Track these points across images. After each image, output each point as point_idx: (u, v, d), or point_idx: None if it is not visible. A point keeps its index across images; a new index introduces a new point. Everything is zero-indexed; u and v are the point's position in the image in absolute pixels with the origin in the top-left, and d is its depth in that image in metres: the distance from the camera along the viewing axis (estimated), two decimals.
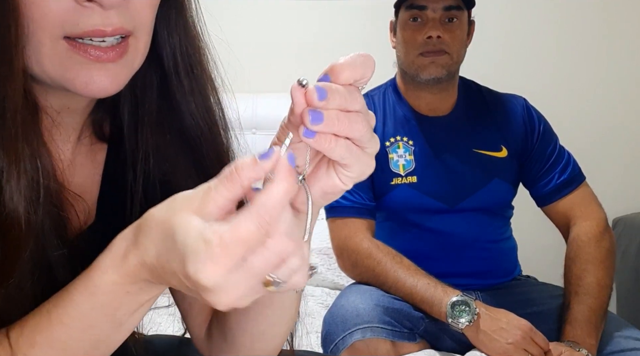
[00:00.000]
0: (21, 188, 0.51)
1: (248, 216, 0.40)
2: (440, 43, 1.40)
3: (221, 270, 0.40)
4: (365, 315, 1.25)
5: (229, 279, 0.40)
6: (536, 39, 2.28)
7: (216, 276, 0.40)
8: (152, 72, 0.62)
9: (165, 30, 0.62)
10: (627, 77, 2.29)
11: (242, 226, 0.40)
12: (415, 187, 1.44)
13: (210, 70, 0.66)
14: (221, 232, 0.40)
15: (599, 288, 1.33)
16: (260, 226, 0.40)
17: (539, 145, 1.49)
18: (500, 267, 1.49)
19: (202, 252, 0.40)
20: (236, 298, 0.41)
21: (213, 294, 0.41)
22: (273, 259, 0.40)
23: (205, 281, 0.40)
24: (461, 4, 1.43)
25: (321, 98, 0.43)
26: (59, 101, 0.59)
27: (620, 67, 2.29)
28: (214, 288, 0.40)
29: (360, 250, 1.37)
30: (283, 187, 0.41)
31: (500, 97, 1.55)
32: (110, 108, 0.67)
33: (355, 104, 0.44)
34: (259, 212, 0.40)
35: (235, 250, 0.40)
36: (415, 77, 1.44)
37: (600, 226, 1.42)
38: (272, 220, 0.40)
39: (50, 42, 0.51)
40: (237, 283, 0.41)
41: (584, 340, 1.25)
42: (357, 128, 0.44)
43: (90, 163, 0.67)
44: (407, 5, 1.43)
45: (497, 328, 1.23)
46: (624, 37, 2.28)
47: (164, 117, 0.64)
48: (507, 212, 1.54)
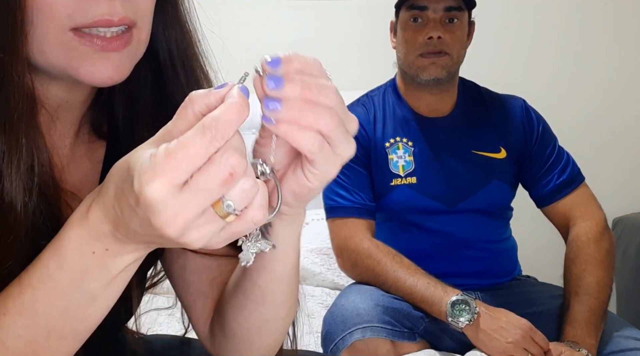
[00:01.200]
0: (20, 175, 0.51)
1: (196, 130, 0.39)
2: (440, 44, 1.40)
3: (166, 183, 0.39)
4: (365, 315, 1.25)
5: (176, 197, 0.39)
6: (535, 39, 2.28)
7: (161, 190, 0.39)
8: (146, 67, 0.63)
9: (161, 24, 0.63)
10: (626, 77, 2.30)
11: (189, 138, 0.39)
12: (414, 188, 1.44)
13: (203, 64, 0.67)
14: (167, 145, 0.39)
15: (599, 288, 1.33)
16: (207, 140, 0.39)
17: (538, 146, 1.49)
18: (500, 267, 1.49)
19: (146, 164, 0.39)
20: (186, 222, 0.40)
21: (160, 214, 0.39)
22: (220, 173, 0.39)
23: (150, 194, 0.39)
24: (462, 5, 1.43)
25: (275, 86, 0.43)
26: (58, 93, 0.59)
27: (619, 67, 2.29)
28: (159, 205, 0.39)
29: (360, 250, 1.38)
30: (235, 104, 0.40)
31: (500, 98, 1.55)
32: (107, 105, 0.67)
33: (322, 98, 0.43)
34: (207, 125, 0.39)
35: (182, 163, 0.39)
36: (415, 77, 1.44)
37: (599, 226, 1.42)
38: (220, 135, 0.39)
39: (57, 32, 0.52)
40: (185, 201, 0.39)
41: (584, 340, 1.25)
42: (324, 122, 0.43)
43: (89, 160, 0.67)
44: (408, 5, 1.43)
45: (497, 327, 1.23)
46: (623, 37, 2.29)
47: (159, 111, 0.65)
48: (506, 213, 1.54)
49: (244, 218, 0.42)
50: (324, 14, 2.26)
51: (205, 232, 0.41)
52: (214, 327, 0.71)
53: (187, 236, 0.41)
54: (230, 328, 0.67)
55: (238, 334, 0.66)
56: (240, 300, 0.63)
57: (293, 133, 0.43)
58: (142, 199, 0.39)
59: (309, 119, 0.43)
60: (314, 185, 0.47)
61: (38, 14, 0.51)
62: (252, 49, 2.22)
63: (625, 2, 2.27)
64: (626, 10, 2.28)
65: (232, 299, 0.65)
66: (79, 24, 0.52)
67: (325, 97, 0.43)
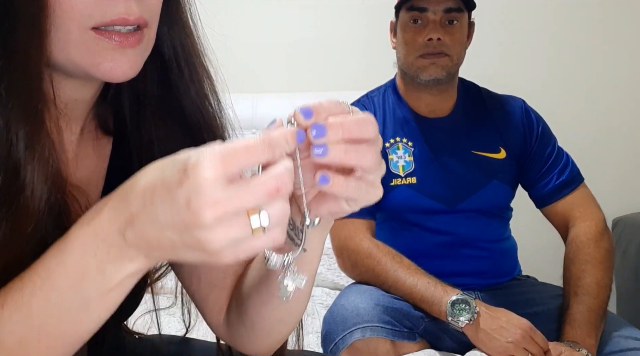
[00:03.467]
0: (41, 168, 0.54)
1: (260, 136, 0.43)
2: (440, 45, 1.40)
3: (220, 171, 0.41)
4: (365, 314, 1.26)
5: (224, 187, 0.41)
6: (535, 40, 2.28)
7: (214, 176, 0.41)
8: (152, 64, 0.65)
9: (166, 23, 0.65)
10: (626, 77, 2.29)
11: (252, 139, 0.43)
12: (414, 188, 1.44)
13: (205, 62, 0.70)
14: (229, 142, 0.42)
15: (598, 288, 1.33)
16: (268, 147, 0.43)
17: (538, 146, 1.49)
18: (499, 267, 1.49)
19: (207, 151, 0.42)
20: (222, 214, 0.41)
21: (203, 196, 0.41)
22: (270, 184, 0.42)
23: (203, 175, 0.41)
24: (462, 6, 1.43)
25: (320, 133, 0.47)
26: (68, 91, 0.61)
27: (619, 67, 2.29)
28: (207, 188, 0.41)
29: (360, 250, 1.38)
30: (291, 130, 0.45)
31: (499, 99, 1.55)
32: (113, 101, 0.69)
33: (364, 133, 0.48)
34: (269, 134, 0.43)
35: (240, 159, 0.42)
36: (415, 78, 1.45)
37: (599, 226, 1.42)
38: (280, 148, 0.43)
39: (79, 32, 0.55)
40: (230, 195, 0.41)
41: (584, 340, 1.25)
42: (366, 162, 0.48)
43: (95, 157, 0.69)
44: (408, 6, 1.43)
45: (497, 327, 1.23)
46: (622, 38, 2.29)
47: (165, 107, 0.68)
48: (506, 213, 1.54)
49: (267, 234, 0.43)
50: (324, 14, 2.26)
51: (231, 234, 0.42)
52: (231, 318, 0.73)
53: (214, 230, 0.42)
54: (251, 320, 0.69)
55: (260, 325, 0.69)
56: (264, 296, 0.65)
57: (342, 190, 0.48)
58: (192, 179, 0.41)
59: (352, 159, 0.47)
60: (352, 209, 0.51)
61: (61, 15, 0.54)
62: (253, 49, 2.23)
63: (625, 2, 2.27)
64: (626, 10, 2.27)
65: (255, 295, 0.67)
66: (98, 23, 0.55)
67: (366, 131, 0.48)
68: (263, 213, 0.42)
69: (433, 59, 1.41)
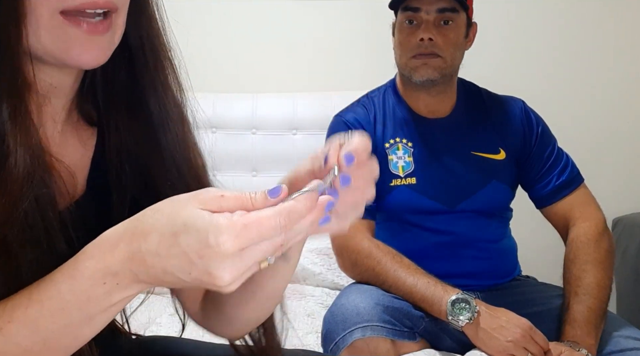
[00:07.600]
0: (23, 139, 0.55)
1: (274, 214, 0.47)
2: (432, 46, 1.40)
3: (237, 246, 0.46)
4: (366, 314, 1.26)
5: (240, 255, 0.47)
6: (535, 40, 2.28)
7: (232, 250, 0.46)
8: (120, 54, 0.67)
9: (133, 12, 0.66)
10: (626, 78, 2.29)
11: (265, 218, 0.47)
12: (414, 188, 1.44)
13: (168, 52, 0.71)
14: (245, 215, 0.47)
15: (598, 289, 1.33)
16: (280, 226, 0.47)
17: (537, 147, 1.49)
18: (499, 267, 1.49)
19: (224, 227, 0.46)
20: (240, 272, 0.48)
21: (223, 266, 0.46)
22: (277, 241, 0.48)
23: (223, 251, 0.46)
24: (457, 6, 1.42)
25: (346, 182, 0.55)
26: (46, 78, 0.62)
27: (619, 68, 2.29)
28: (227, 261, 0.46)
29: (360, 250, 1.38)
30: (310, 200, 0.49)
31: (499, 99, 1.55)
32: (91, 91, 0.71)
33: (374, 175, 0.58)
34: (284, 214, 0.48)
35: (254, 236, 0.47)
36: (409, 78, 1.45)
37: (599, 227, 1.42)
38: (290, 225, 0.48)
39: (48, 15, 0.56)
40: (245, 259, 0.47)
41: (584, 340, 1.25)
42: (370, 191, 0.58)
43: (81, 146, 0.70)
44: (403, 7, 1.43)
45: (497, 326, 1.23)
46: (623, 38, 2.29)
47: (130, 96, 0.69)
48: (505, 213, 1.54)
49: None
50: (324, 14, 2.26)
51: (242, 278, 0.49)
52: (207, 306, 0.77)
53: (233, 284, 0.48)
54: (224, 309, 0.73)
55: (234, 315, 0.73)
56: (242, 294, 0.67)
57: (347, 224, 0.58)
58: (212, 254, 0.46)
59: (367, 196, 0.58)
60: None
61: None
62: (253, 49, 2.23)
63: (626, 2, 2.27)
64: (626, 10, 2.28)
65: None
66: (68, 7, 0.56)
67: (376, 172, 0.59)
68: (270, 259, 0.49)
69: (425, 59, 1.41)
